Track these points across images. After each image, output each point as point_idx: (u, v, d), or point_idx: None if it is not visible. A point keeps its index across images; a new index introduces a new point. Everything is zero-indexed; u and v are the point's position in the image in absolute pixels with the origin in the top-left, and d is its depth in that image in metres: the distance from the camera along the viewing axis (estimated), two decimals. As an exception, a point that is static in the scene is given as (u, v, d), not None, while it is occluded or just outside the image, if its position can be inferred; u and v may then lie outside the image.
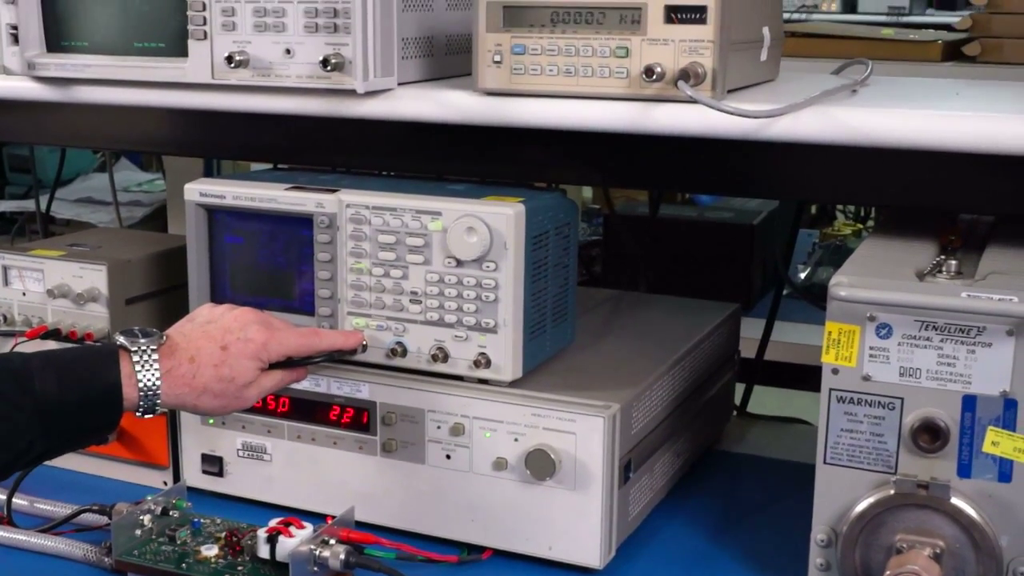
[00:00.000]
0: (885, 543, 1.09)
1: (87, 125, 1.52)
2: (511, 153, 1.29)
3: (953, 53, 2.14)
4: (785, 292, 1.95)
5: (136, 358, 1.11)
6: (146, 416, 1.13)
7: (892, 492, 1.08)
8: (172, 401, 1.14)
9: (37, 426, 1.07)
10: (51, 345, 1.44)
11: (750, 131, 1.10)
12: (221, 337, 1.17)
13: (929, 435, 1.07)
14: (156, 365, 1.12)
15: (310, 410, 1.33)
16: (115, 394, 1.10)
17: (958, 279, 1.09)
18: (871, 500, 1.09)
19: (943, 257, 1.14)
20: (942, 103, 1.19)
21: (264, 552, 1.19)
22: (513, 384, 1.26)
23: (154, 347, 1.13)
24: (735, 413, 1.73)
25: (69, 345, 1.42)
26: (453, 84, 1.25)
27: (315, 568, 1.16)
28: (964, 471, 1.06)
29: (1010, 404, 1.04)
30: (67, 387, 1.08)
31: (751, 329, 1.76)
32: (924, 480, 1.07)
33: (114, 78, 1.32)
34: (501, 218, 1.21)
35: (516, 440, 1.23)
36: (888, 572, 1.06)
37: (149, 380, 1.11)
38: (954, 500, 1.06)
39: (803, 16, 4.33)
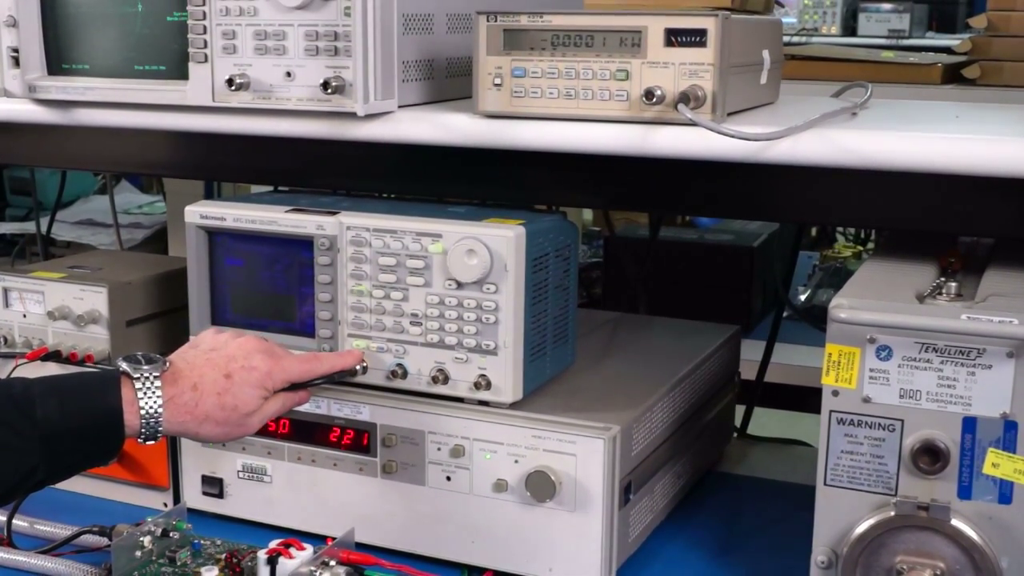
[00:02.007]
0: (886, 565, 1.09)
1: (88, 148, 1.52)
2: (511, 175, 1.29)
3: (953, 76, 2.15)
4: (785, 314, 1.95)
5: (138, 384, 1.11)
6: (148, 442, 1.12)
7: (892, 514, 1.08)
8: (174, 428, 1.14)
9: (39, 452, 1.06)
10: (52, 367, 1.44)
11: (750, 154, 1.10)
12: (225, 365, 1.16)
13: (929, 457, 1.06)
14: (158, 392, 1.11)
15: (310, 432, 1.33)
16: (116, 420, 1.10)
17: (958, 301, 1.09)
18: (871, 522, 1.09)
19: (943, 279, 1.14)
20: (942, 126, 1.19)
21: (264, 574, 1.19)
22: (513, 406, 1.26)
23: (156, 373, 1.12)
24: (735, 435, 1.73)
25: (72, 369, 1.42)
26: (453, 107, 1.25)
27: (315, 590, 1.16)
28: (964, 493, 1.06)
29: (1010, 426, 1.04)
30: (69, 413, 1.08)
31: (751, 351, 1.76)
32: (924, 502, 1.07)
33: (115, 101, 1.32)
34: (501, 240, 1.22)
35: (516, 462, 1.23)
36: (889, 595, 1.05)
37: (151, 407, 1.11)
38: (954, 522, 1.06)
39: (803, 39, 4.35)
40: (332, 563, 1.17)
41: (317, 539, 1.24)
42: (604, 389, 1.35)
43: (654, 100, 1.11)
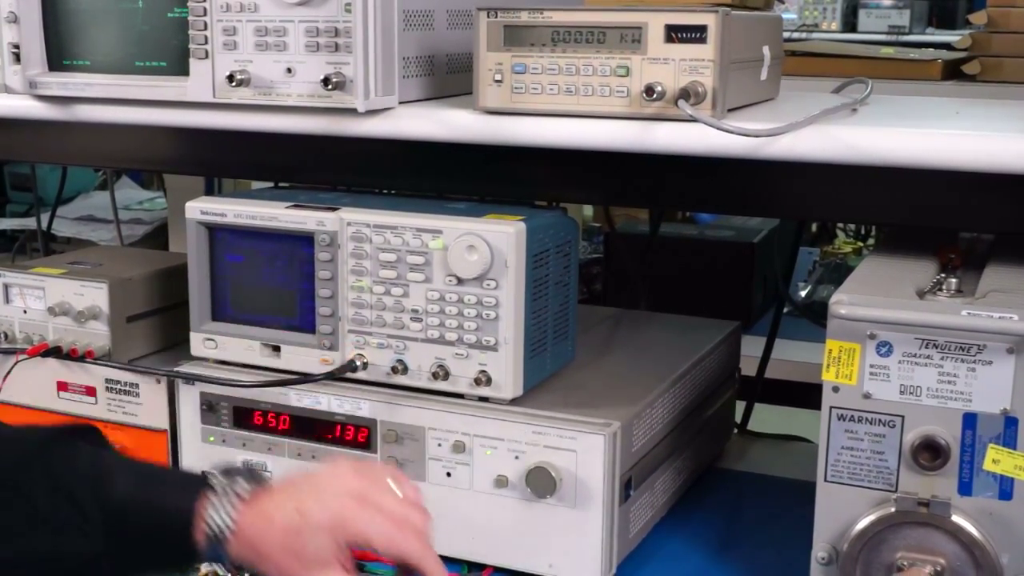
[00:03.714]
0: (886, 561, 1.09)
1: (88, 144, 1.52)
2: (512, 171, 1.29)
3: (953, 72, 2.14)
4: (785, 310, 1.95)
5: (214, 494, 0.99)
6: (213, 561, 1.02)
7: (893, 510, 1.08)
8: (237, 552, 0.99)
9: (103, 539, 0.96)
10: (52, 363, 1.45)
11: (750, 150, 1.10)
12: (302, 501, 1.00)
13: (930, 453, 1.07)
14: (232, 506, 0.99)
15: (311, 427, 1.33)
16: (186, 520, 0.97)
17: (958, 297, 1.09)
18: (872, 518, 1.09)
19: (943, 275, 1.14)
20: (942, 122, 1.19)
21: (264, 570, 1.19)
22: (514, 402, 1.26)
23: (241, 490, 1.00)
24: (736, 431, 1.73)
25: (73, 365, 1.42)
26: (454, 103, 1.25)
27: (315, 586, 1.15)
28: (965, 489, 1.06)
29: (1011, 422, 1.04)
30: (139, 502, 0.98)
31: (752, 347, 1.76)
32: (925, 498, 1.07)
33: (115, 97, 1.32)
34: (502, 236, 1.22)
35: (517, 458, 1.23)
36: (889, 590, 1.05)
37: (218, 520, 0.98)
38: (955, 518, 1.06)
39: (803, 35, 4.34)
40: (333, 559, 1.16)
41: (318, 535, 1.24)
42: (604, 385, 1.35)
43: (654, 96, 1.11)
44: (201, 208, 1.35)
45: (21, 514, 0.97)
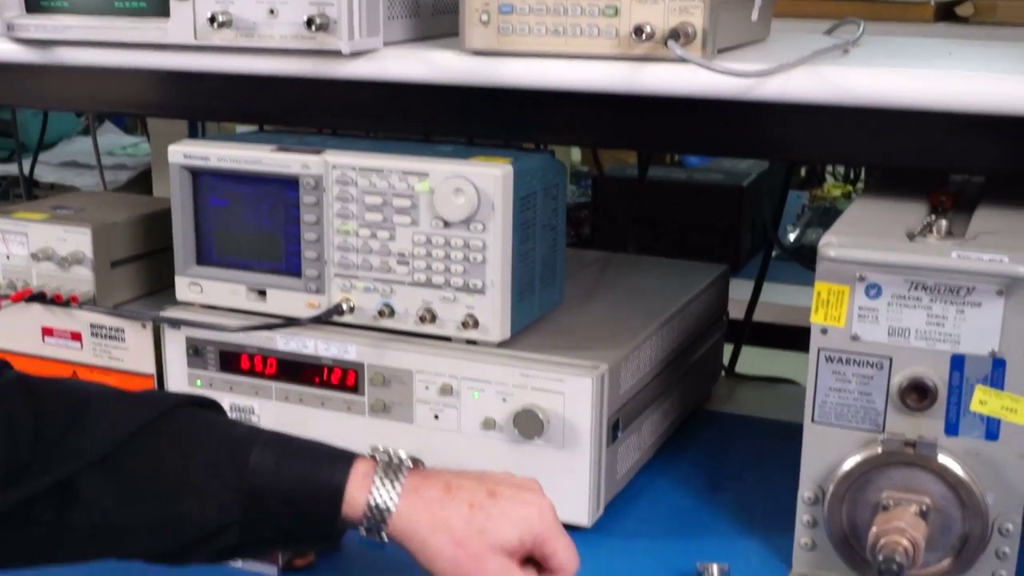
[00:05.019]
0: (872, 500, 1.10)
1: (69, 87, 1.50)
2: (499, 114, 1.28)
3: (946, 14, 2.12)
4: (774, 254, 1.94)
5: (380, 469, 0.95)
6: (371, 537, 0.95)
7: (879, 451, 1.08)
8: (403, 527, 0.93)
9: (239, 509, 0.92)
10: (35, 308, 1.44)
11: (740, 91, 1.09)
12: (493, 485, 0.98)
13: (917, 394, 1.07)
14: (400, 480, 0.95)
15: (298, 371, 1.33)
16: (335, 495, 0.92)
17: (948, 239, 1.09)
18: (858, 458, 1.09)
19: (933, 217, 1.14)
20: (934, 63, 1.18)
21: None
22: (501, 345, 1.26)
23: (408, 464, 0.97)
24: (723, 373, 1.74)
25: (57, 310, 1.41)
26: (440, 44, 1.24)
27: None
28: (952, 430, 1.07)
29: (998, 364, 1.04)
30: (283, 474, 0.92)
31: (740, 290, 1.76)
32: (911, 439, 1.07)
33: (95, 39, 1.30)
34: (489, 179, 1.21)
35: (504, 400, 1.23)
36: (874, 529, 1.06)
37: (386, 493, 0.93)
38: (941, 458, 1.06)
39: (793, -24, 4.30)
40: (321, 502, 1.17)
41: (306, 479, 1.24)
42: (592, 328, 1.35)
43: (643, 37, 1.09)
44: (184, 152, 1.34)
45: (160, 476, 0.92)
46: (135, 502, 0.92)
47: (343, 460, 0.96)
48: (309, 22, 1.17)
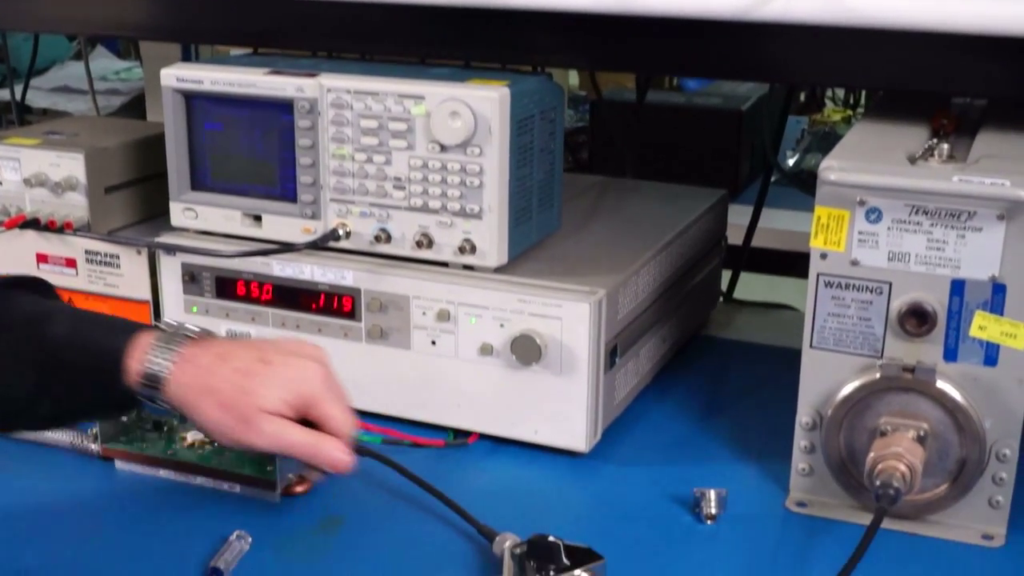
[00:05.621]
0: (869, 426, 1.10)
1: (58, 9, 1.47)
2: (495, 36, 1.26)
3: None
4: (773, 179, 1.93)
5: (159, 336, 0.98)
6: (153, 405, 1.00)
7: (878, 376, 1.08)
8: (175, 392, 0.97)
9: (36, 377, 0.96)
10: (30, 235, 1.43)
11: (740, 11, 1.07)
12: (269, 353, 1.00)
13: (916, 319, 1.06)
14: (176, 347, 0.98)
15: (294, 297, 1.32)
16: (114, 362, 0.96)
17: (950, 163, 1.08)
18: (857, 384, 1.09)
19: (935, 141, 1.12)
20: (937, -19, 1.16)
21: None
22: (498, 270, 1.26)
23: (190, 335, 0.99)
24: (721, 299, 1.73)
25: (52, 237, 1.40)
26: (435, -37, 1.21)
27: (302, 455, 1.16)
28: (950, 355, 1.07)
29: (998, 289, 1.03)
30: (74, 344, 0.97)
31: (739, 216, 1.75)
32: (910, 364, 1.07)
33: (85, -42, 1.27)
34: (486, 102, 1.19)
35: (502, 326, 1.23)
36: (872, 454, 1.06)
37: (159, 359, 0.97)
38: (939, 383, 1.06)
39: None
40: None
41: (303, 404, 1.24)
42: (590, 253, 1.34)
43: (643, -45, 1.07)
44: (177, 75, 1.32)
45: None
46: None
47: (127, 331, 0.99)
48: (301, -59, 1.14)
